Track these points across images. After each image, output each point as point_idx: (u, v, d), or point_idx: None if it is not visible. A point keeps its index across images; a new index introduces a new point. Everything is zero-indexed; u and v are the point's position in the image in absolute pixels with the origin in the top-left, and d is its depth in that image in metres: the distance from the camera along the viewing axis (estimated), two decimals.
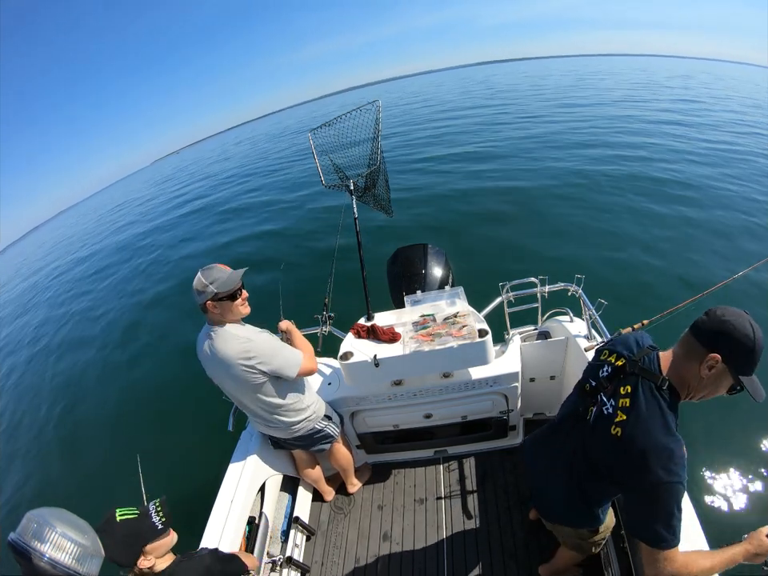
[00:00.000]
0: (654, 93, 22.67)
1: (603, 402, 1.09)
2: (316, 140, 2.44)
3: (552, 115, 16.44)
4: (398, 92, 57.57)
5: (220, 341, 1.58)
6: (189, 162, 44.70)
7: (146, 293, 8.46)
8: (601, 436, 1.07)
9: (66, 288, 11.85)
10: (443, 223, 7.36)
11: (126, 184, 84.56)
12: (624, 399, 1.03)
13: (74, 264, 14.93)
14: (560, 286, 2.20)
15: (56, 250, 22.09)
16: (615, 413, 1.04)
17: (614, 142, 11.09)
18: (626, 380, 1.06)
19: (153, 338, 6.60)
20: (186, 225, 13.02)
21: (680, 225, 6.13)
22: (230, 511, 1.73)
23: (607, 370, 1.12)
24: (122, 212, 25.14)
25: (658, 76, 35.84)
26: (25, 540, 0.89)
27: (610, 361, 1.13)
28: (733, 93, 23.51)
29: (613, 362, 1.12)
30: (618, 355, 1.12)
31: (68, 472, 4.36)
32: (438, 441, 2.43)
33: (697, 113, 15.41)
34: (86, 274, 12.48)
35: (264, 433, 1.98)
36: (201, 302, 1.53)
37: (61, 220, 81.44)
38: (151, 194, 27.23)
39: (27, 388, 6.70)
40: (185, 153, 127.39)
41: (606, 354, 1.17)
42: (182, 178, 28.81)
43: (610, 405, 1.06)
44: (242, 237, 9.62)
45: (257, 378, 1.61)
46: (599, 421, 1.09)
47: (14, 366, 7.89)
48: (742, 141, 10.83)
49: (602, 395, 1.11)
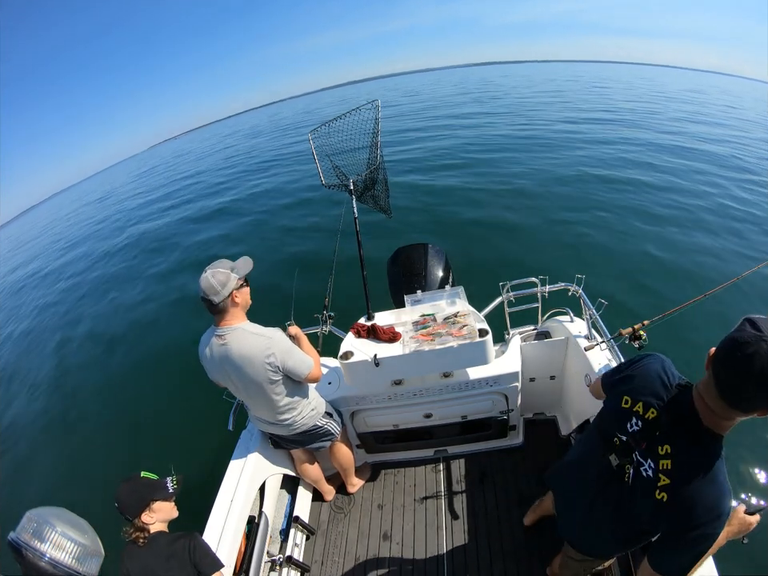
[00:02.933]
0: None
1: (640, 462, 0.97)
2: (315, 140, 2.43)
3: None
4: (405, 88, 57.32)
5: (237, 340, 1.56)
6: (184, 152, 43.93)
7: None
8: (644, 500, 0.97)
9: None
10: (448, 223, 7.36)
11: (115, 171, 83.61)
12: (664, 461, 0.92)
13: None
14: (560, 285, 2.20)
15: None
16: (657, 476, 0.93)
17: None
18: (664, 439, 0.93)
19: (148, 338, 6.61)
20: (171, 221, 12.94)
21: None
22: (230, 510, 1.73)
23: (637, 424, 0.98)
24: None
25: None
26: (25, 539, 0.89)
27: (637, 412, 0.99)
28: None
29: (641, 415, 0.98)
30: (645, 405, 0.97)
31: (68, 472, 4.36)
32: (437, 440, 2.43)
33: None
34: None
35: (265, 431, 1.98)
36: (225, 296, 1.49)
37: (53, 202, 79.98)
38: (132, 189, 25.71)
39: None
40: (182, 139, 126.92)
41: (628, 403, 1.01)
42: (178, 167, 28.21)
43: (649, 467, 0.95)
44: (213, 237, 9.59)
45: (275, 375, 1.62)
46: (639, 482, 0.98)
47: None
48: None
49: (636, 455, 0.99)
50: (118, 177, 47.23)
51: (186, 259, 9.12)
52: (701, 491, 0.88)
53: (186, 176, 20.76)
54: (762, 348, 0.72)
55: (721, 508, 0.87)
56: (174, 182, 19.06)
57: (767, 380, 0.72)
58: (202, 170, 21.32)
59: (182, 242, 10.28)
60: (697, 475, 0.88)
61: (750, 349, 0.73)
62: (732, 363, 0.76)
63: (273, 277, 6.27)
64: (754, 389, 0.74)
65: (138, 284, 8.65)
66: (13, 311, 10.34)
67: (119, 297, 8.42)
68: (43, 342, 7.69)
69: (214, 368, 1.66)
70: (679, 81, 47.95)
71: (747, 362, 0.73)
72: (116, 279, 9.49)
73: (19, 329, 8.86)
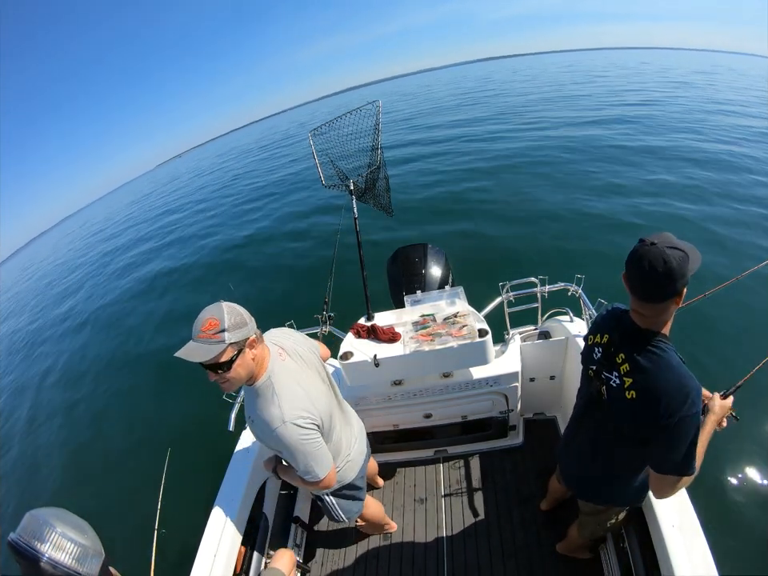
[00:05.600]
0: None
1: (608, 377, 1.15)
2: (316, 140, 2.44)
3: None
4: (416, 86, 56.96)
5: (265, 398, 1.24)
6: (188, 168, 43.97)
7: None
8: (620, 406, 1.12)
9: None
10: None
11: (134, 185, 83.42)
12: (623, 366, 1.09)
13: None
14: (560, 285, 2.20)
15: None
16: (622, 380, 1.09)
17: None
18: (617, 350, 1.12)
19: (148, 340, 6.62)
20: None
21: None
22: (231, 511, 1.73)
23: (599, 351, 1.20)
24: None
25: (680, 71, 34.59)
26: (25, 540, 0.89)
27: (597, 342, 1.21)
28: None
29: (600, 342, 1.20)
30: (600, 335, 1.20)
31: (73, 475, 4.37)
32: (437, 441, 2.43)
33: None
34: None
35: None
36: (248, 335, 1.15)
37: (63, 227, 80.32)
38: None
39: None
40: (187, 156, 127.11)
41: (591, 339, 1.25)
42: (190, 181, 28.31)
43: (615, 377, 1.12)
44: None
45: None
46: (612, 393, 1.14)
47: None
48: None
49: (604, 373, 1.17)
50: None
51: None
52: (662, 377, 1.02)
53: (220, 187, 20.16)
54: (646, 251, 0.95)
55: (687, 387, 0.99)
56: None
57: (655, 273, 0.94)
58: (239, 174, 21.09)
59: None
60: (653, 366, 1.03)
61: (638, 253, 0.97)
62: (631, 269, 1.00)
63: (272, 277, 6.29)
64: (653, 281, 0.96)
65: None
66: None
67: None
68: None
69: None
70: (681, 62, 47.11)
71: (639, 263, 0.96)
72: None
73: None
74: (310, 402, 1.25)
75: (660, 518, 1.42)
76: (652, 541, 1.46)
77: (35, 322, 10.89)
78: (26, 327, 10.86)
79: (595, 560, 1.84)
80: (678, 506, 1.43)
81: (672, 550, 1.33)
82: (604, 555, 1.81)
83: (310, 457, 1.23)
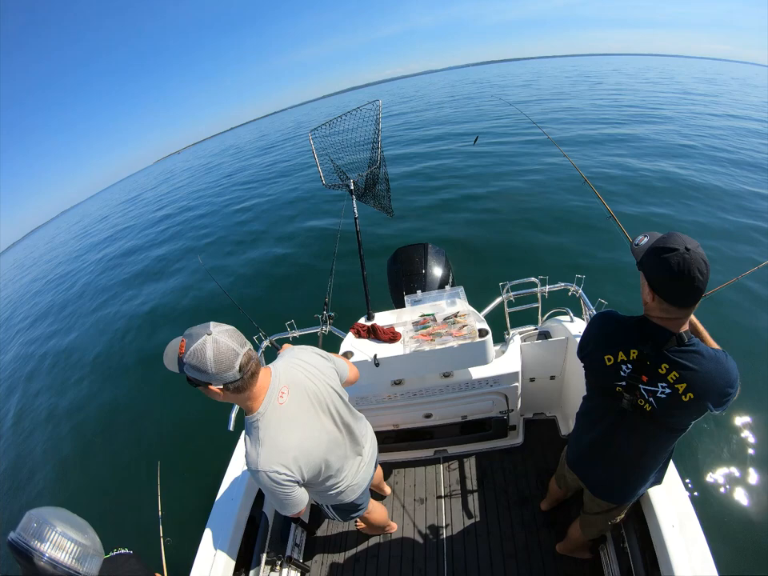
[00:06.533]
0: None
1: (652, 390, 1.10)
2: (316, 140, 2.43)
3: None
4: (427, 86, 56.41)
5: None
6: (189, 163, 44.04)
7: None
8: (677, 411, 1.09)
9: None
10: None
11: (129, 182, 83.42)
12: (670, 375, 1.06)
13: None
14: (560, 285, 2.20)
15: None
16: (674, 389, 1.06)
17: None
18: (656, 363, 1.08)
19: (149, 341, 6.61)
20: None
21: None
22: (231, 510, 1.73)
23: (628, 368, 1.13)
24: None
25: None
26: (25, 539, 0.89)
27: (622, 360, 1.13)
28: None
29: (627, 360, 1.13)
30: (624, 352, 1.13)
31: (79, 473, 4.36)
32: (437, 441, 2.43)
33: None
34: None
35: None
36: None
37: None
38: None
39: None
40: (186, 152, 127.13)
41: (611, 359, 1.16)
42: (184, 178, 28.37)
43: (662, 387, 1.08)
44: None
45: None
46: (664, 403, 1.10)
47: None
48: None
49: (641, 388, 1.12)
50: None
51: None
52: (710, 371, 1.04)
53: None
54: (692, 259, 0.94)
55: (727, 369, 1.04)
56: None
57: (704, 278, 0.95)
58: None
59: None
60: (700, 363, 1.04)
61: (685, 263, 0.94)
62: (680, 279, 0.96)
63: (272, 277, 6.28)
64: (702, 287, 0.96)
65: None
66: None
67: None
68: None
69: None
70: (685, 70, 46.88)
71: (689, 273, 0.94)
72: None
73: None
74: (293, 457, 1.15)
75: (660, 518, 1.42)
76: (652, 541, 1.46)
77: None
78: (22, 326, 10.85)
79: (595, 560, 1.84)
80: (678, 506, 1.43)
81: (672, 550, 1.34)
82: (604, 555, 1.81)
83: (277, 503, 1.20)
